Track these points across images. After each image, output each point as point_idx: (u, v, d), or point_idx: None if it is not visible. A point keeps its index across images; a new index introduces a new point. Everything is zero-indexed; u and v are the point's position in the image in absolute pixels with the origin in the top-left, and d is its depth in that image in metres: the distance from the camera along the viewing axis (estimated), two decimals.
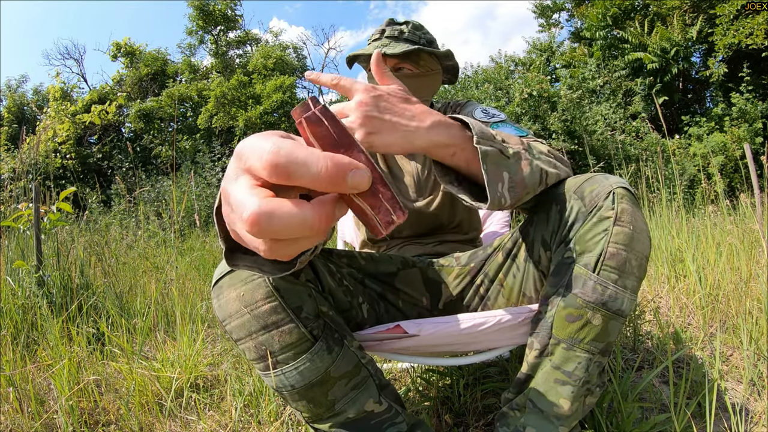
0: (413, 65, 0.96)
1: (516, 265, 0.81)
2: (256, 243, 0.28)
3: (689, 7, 9.81)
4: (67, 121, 10.03)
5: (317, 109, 0.28)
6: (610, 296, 0.63)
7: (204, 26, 13.20)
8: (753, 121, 8.76)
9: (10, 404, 1.06)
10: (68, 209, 1.85)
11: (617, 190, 0.65)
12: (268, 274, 0.49)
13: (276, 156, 0.26)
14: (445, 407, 1.07)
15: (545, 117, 7.65)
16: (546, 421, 0.70)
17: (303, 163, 0.26)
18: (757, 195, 1.38)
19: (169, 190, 6.20)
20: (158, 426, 1.03)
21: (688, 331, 1.47)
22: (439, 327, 0.74)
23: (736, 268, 1.69)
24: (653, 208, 2.73)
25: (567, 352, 0.67)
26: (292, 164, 0.26)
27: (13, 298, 1.57)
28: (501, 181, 0.61)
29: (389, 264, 0.88)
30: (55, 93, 10.93)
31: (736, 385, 1.13)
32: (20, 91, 13.99)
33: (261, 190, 0.27)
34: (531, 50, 13.35)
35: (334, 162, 0.26)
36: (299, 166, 0.26)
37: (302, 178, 0.26)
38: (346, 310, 0.77)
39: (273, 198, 0.26)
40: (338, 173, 0.26)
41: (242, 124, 10.92)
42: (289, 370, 0.64)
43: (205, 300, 1.76)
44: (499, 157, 0.61)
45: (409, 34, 0.96)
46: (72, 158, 9.95)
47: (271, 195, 0.26)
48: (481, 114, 0.94)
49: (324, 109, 0.29)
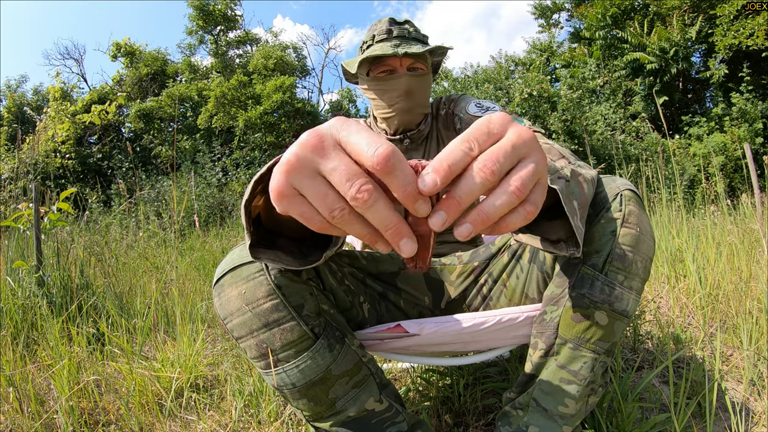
0: (424, 64, 0.96)
1: (520, 266, 0.81)
2: (336, 205, 0.33)
3: (689, 7, 9.81)
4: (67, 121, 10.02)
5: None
6: (617, 297, 0.63)
7: (204, 26, 13.19)
8: (753, 121, 8.77)
9: (10, 404, 1.06)
10: (68, 209, 1.85)
11: (624, 192, 0.65)
12: (288, 266, 0.52)
13: (393, 152, 0.30)
14: (445, 407, 1.06)
15: (545, 117, 7.65)
16: (550, 421, 0.70)
17: (406, 172, 0.31)
18: (757, 195, 1.38)
19: (169, 190, 6.19)
20: (158, 426, 1.03)
21: (688, 331, 1.47)
22: (440, 326, 0.74)
23: (736, 268, 1.69)
24: (654, 208, 2.73)
25: (573, 352, 0.67)
26: (399, 166, 0.31)
27: (13, 298, 1.56)
28: (575, 214, 0.54)
29: (391, 264, 0.88)
30: (55, 93, 10.91)
31: (736, 385, 1.13)
32: (20, 91, 13.98)
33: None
34: (531, 50, 13.36)
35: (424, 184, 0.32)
36: (403, 171, 0.31)
37: (396, 181, 0.31)
38: (348, 309, 0.77)
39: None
40: (416, 197, 0.31)
41: (242, 124, 10.91)
42: (290, 368, 0.64)
43: (205, 300, 1.76)
44: (566, 186, 0.54)
45: (415, 33, 0.96)
46: (72, 158, 9.94)
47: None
48: (476, 108, 0.94)
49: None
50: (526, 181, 0.33)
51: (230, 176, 8.17)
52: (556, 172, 0.55)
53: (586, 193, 0.59)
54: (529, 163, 0.33)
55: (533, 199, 0.34)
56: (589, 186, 0.61)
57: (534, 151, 0.34)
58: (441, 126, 1.03)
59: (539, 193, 0.35)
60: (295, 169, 0.33)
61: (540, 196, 0.35)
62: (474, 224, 0.33)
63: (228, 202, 6.39)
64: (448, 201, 0.32)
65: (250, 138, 11.00)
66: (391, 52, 0.90)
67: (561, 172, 0.56)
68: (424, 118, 1.01)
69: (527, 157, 0.34)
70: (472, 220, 0.33)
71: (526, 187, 0.33)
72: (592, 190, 0.62)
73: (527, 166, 0.33)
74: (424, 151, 1.02)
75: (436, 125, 1.04)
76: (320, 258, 0.54)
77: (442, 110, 1.03)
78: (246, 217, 0.48)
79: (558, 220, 0.59)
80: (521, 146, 0.33)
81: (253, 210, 0.52)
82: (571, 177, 0.56)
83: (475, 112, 0.92)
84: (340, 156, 0.32)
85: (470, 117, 0.94)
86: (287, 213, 0.35)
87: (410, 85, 0.93)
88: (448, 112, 1.02)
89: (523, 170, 0.33)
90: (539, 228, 0.61)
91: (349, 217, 0.33)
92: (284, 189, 0.34)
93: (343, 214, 0.33)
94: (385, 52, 0.90)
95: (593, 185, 0.63)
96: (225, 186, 7.56)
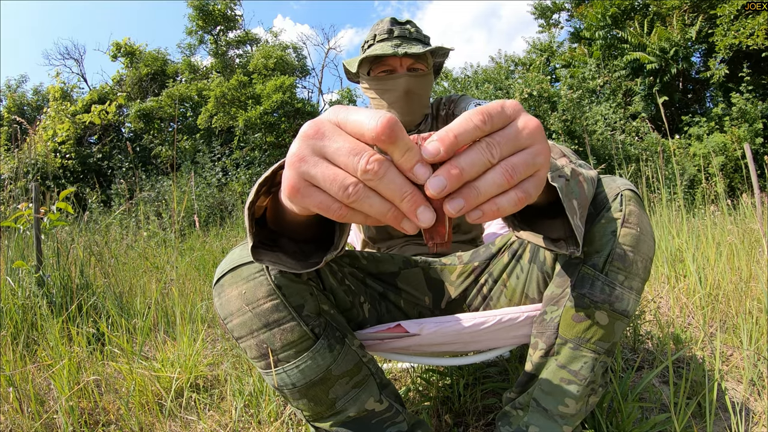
0: (425, 64, 0.96)
1: (520, 266, 0.81)
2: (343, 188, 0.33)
3: (689, 7, 9.81)
4: (67, 121, 10.02)
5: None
6: (617, 297, 0.63)
7: (204, 26, 13.18)
8: (753, 121, 8.77)
9: (10, 404, 1.06)
10: (68, 209, 1.85)
11: (625, 192, 0.65)
12: (290, 269, 0.53)
13: (395, 121, 0.31)
14: (445, 407, 1.06)
15: (545, 117, 7.65)
16: (550, 421, 0.70)
17: (407, 139, 0.31)
18: (757, 195, 1.38)
19: (169, 190, 6.19)
20: (158, 426, 1.03)
21: (688, 331, 1.47)
22: (440, 326, 0.74)
23: (736, 268, 1.69)
24: (654, 208, 2.73)
25: (573, 352, 0.67)
26: (401, 134, 0.31)
27: (13, 298, 1.56)
28: (575, 213, 0.54)
29: (391, 264, 0.88)
30: (55, 93, 10.92)
31: (736, 385, 1.13)
32: (20, 91, 13.97)
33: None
34: (531, 50, 13.36)
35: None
36: (404, 140, 0.31)
37: (397, 150, 0.31)
38: (348, 310, 0.77)
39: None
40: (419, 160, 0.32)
41: (242, 124, 10.91)
42: (290, 368, 0.64)
43: (205, 300, 1.76)
44: (566, 185, 0.54)
45: (416, 33, 0.96)
46: (72, 158, 9.95)
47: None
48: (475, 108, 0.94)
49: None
50: (519, 168, 0.34)
51: (230, 176, 8.18)
52: (557, 170, 0.55)
53: (586, 193, 0.59)
54: (529, 153, 0.34)
55: (526, 187, 0.35)
56: (588, 186, 0.61)
57: (538, 143, 0.35)
58: (441, 126, 1.03)
59: (534, 183, 0.35)
60: (301, 160, 0.34)
61: (534, 187, 0.35)
62: (466, 199, 0.33)
63: (228, 202, 6.39)
64: (449, 168, 0.32)
65: (250, 138, 11.00)
66: (392, 52, 0.90)
67: (562, 170, 0.56)
68: (424, 119, 1.01)
69: (530, 146, 0.35)
70: (465, 195, 0.33)
71: (519, 172, 0.34)
72: (592, 190, 0.62)
73: (527, 154, 0.34)
74: None
75: (436, 126, 1.04)
76: (321, 261, 0.54)
77: (442, 111, 1.03)
78: (249, 219, 0.48)
79: (559, 218, 0.59)
80: (528, 136, 0.34)
81: (257, 210, 0.52)
82: (571, 176, 0.56)
83: None
84: (341, 136, 0.33)
85: None
86: (305, 207, 0.35)
87: (410, 85, 0.93)
88: (447, 113, 1.02)
89: (521, 157, 0.34)
90: (540, 226, 0.61)
91: (364, 192, 0.33)
92: (296, 182, 0.34)
93: (358, 190, 0.33)
94: (386, 51, 0.90)
95: (593, 185, 0.64)
96: (225, 186, 7.56)
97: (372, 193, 0.33)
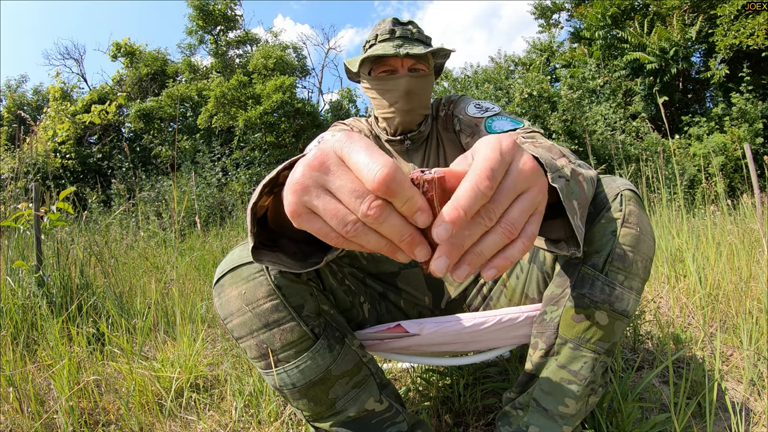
0: (426, 65, 0.96)
1: (520, 266, 0.81)
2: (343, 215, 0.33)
3: (689, 7, 9.81)
4: (67, 121, 10.02)
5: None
6: (617, 297, 0.63)
7: (204, 26, 13.18)
8: (753, 121, 8.77)
9: (10, 404, 1.06)
10: (68, 209, 1.85)
11: (624, 192, 0.65)
12: (290, 269, 0.54)
13: (391, 175, 0.31)
14: (445, 407, 1.06)
15: (545, 117, 7.65)
16: (550, 420, 0.70)
17: (406, 189, 0.31)
18: (757, 195, 1.38)
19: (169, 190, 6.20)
20: (158, 426, 1.03)
21: (688, 331, 1.47)
22: (440, 326, 0.74)
23: (736, 268, 1.69)
24: (654, 208, 2.73)
25: (573, 352, 0.67)
26: (399, 187, 0.31)
27: (13, 298, 1.56)
28: (575, 213, 0.54)
29: (391, 264, 0.88)
30: (55, 93, 10.92)
31: (736, 385, 1.13)
32: (20, 91, 13.98)
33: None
34: (531, 50, 13.36)
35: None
36: (402, 191, 0.31)
37: (397, 202, 0.31)
38: (348, 310, 0.77)
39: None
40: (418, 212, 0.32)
41: (242, 124, 10.91)
42: (290, 368, 0.64)
43: (205, 300, 1.76)
44: (566, 185, 0.54)
45: (418, 34, 0.96)
46: (72, 158, 9.95)
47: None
48: (475, 109, 0.94)
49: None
50: (519, 221, 0.34)
51: (230, 176, 8.17)
52: (557, 170, 0.55)
53: (586, 193, 0.59)
54: (527, 198, 0.35)
55: (529, 232, 0.36)
56: (588, 186, 0.61)
57: (535, 185, 0.36)
58: (440, 127, 1.03)
59: (535, 221, 0.36)
60: (304, 189, 0.34)
61: (536, 224, 0.36)
62: (471, 265, 0.34)
63: (228, 202, 6.39)
64: (450, 246, 0.33)
65: (250, 138, 11.00)
66: (393, 53, 0.90)
67: (562, 171, 0.56)
68: (424, 119, 1.01)
69: (528, 190, 0.35)
70: (468, 261, 0.34)
71: (519, 225, 0.34)
72: (591, 190, 0.62)
73: (525, 201, 0.35)
74: (424, 152, 1.02)
75: (435, 126, 1.04)
76: (321, 261, 0.54)
77: (442, 111, 1.03)
78: (251, 219, 0.48)
79: (559, 219, 0.59)
80: (524, 180, 0.35)
81: (259, 210, 0.52)
82: (570, 176, 0.56)
83: (474, 113, 0.92)
84: (345, 173, 0.33)
85: (469, 118, 0.93)
86: (304, 229, 0.36)
87: (411, 85, 0.93)
88: (447, 113, 1.02)
89: (520, 206, 0.35)
90: (540, 227, 0.61)
91: (363, 229, 0.33)
92: (297, 208, 0.35)
93: (357, 228, 0.33)
94: (387, 52, 0.90)
95: (593, 185, 0.63)
96: (225, 186, 7.56)
97: (371, 230, 0.34)
